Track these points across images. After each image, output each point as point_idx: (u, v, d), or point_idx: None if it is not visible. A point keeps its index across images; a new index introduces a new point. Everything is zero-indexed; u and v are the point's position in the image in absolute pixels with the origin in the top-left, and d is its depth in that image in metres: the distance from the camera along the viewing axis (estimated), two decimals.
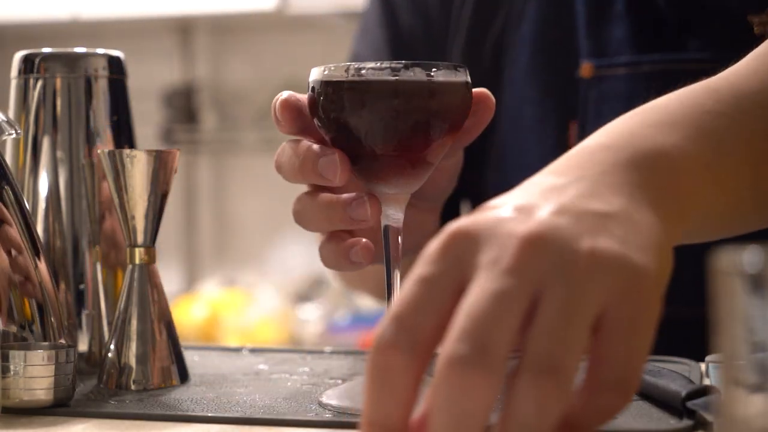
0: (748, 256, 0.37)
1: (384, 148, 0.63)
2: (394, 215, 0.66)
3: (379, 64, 0.62)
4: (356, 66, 0.62)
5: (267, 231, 2.84)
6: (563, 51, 0.96)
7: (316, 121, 0.65)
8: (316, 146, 0.66)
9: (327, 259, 0.71)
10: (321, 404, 0.63)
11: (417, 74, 0.62)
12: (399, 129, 0.63)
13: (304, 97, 0.66)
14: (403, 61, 0.62)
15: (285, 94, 0.66)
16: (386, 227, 0.67)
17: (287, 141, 0.68)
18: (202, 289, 2.80)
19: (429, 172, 0.66)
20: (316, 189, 0.69)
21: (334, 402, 0.63)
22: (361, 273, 1.05)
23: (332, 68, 0.63)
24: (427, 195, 0.77)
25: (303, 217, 0.70)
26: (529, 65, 0.97)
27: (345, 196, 0.67)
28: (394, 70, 0.62)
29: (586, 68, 0.94)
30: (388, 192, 0.66)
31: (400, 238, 0.67)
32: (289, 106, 0.66)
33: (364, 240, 0.69)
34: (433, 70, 0.63)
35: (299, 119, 0.66)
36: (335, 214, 0.67)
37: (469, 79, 0.65)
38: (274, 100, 0.67)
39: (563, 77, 0.96)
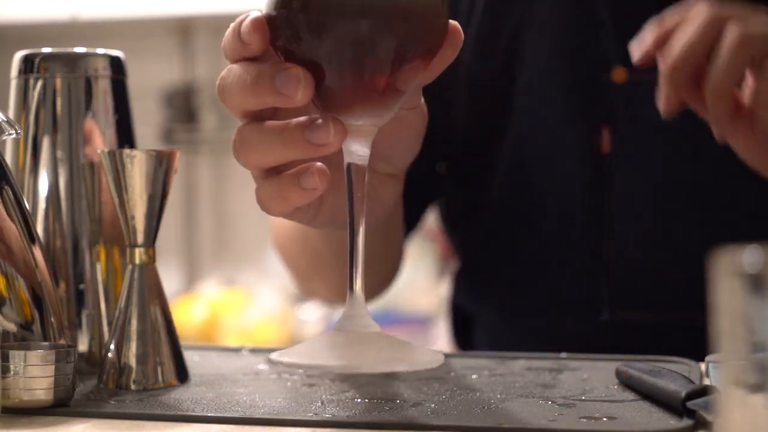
0: (749, 256, 0.37)
1: (349, 72, 0.57)
2: (359, 151, 0.60)
3: None
4: None
5: (267, 231, 2.84)
6: (587, 53, 0.94)
7: (273, 44, 0.59)
8: (271, 62, 0.58)
9: (269, 198, 0.61)
10: (271, 361, 0.62)
11: None
12: (366, 49, 0.57)
13: None
14: None
15: (253, 13, 0.59)
16: (349, 165, 0.60)
17: (235, 63, 0.60)
18: (202, 289, 2.80)
19: (399, 102, 0.60)
20: (263, 117, 0.60)
21: (285, 359, 0.61)
22: (317, 259, 0.98)
23: None
24: (388, 154, 0.70)
25: (246, 147, 0.60)
26: (548, 66, 0.95)
27: (302, 118, 0.58)
28: None
29: (618, 73, 0.92)
30: (353, 123, 0.59)
31: (365, 177, 0.60)
32: (262, 24, 0.58)
33: (317, 164, 0.60)
34: None
35: (267, 41, 0.58)
36: (289, 138, 0.58)
37: None
38: (235, 22, 0.59)
39: (589, 80, 0.94)
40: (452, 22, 0.61)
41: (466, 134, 1.00)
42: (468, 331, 1.08)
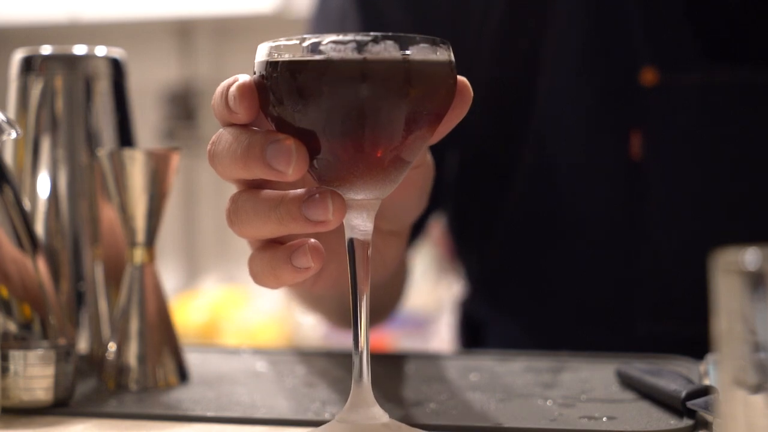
0: (749, 256, 0.37)
1: (349, 144, 0.52)
2: (360, 225, 0.55)
3: (341, 37, 0.50)
4: (313, 40, 0.50)
5: None
6: (616, 55, 0.91)
7: (263, 110, 0.54)
8: (263, 131, 0.53)
9: (259, 271, 0.56)
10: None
11: (390, 50, 0.50)
12: (367, 120, 0.51)
13: None
14: (372, 33, 0.50)
15: (242, 78, 0.54)
16: (351, 240, 0.55)
17: (224, 128, 0.55)
18: (202, 289, 2.80)
19: (404, 174, 0.55)
20: (257, 186, 0.56)
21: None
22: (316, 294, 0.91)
23: (283, 44, 0.52)
24: (393, 214, 0.66)
25: (240, 219, 0.55)
26: (575, 68, 0.92)
27: (299, 190, 0.53)
28: (360, 45, 0.50)
29: (648, 75, 0.89)
30: (354, 197, 0.54)
31: (369, 252, 0.55)
32: (250, 91, 0.53)
33: (311, 240, 0.55)
34: (410, 45, 0.51)
35: (257, 110, 0.54)
36: (285, 213, 0.53)
37: (452, 57, 0.54)
38: (223, 85, 0.54)
39: (617, 82, 0.91)
40: (461, 79, 0.55)
41: (481, 140, 0.97)
42: (478, 338, 1.06)
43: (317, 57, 0.50)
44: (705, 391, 0.59)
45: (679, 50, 0.89)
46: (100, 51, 0.77)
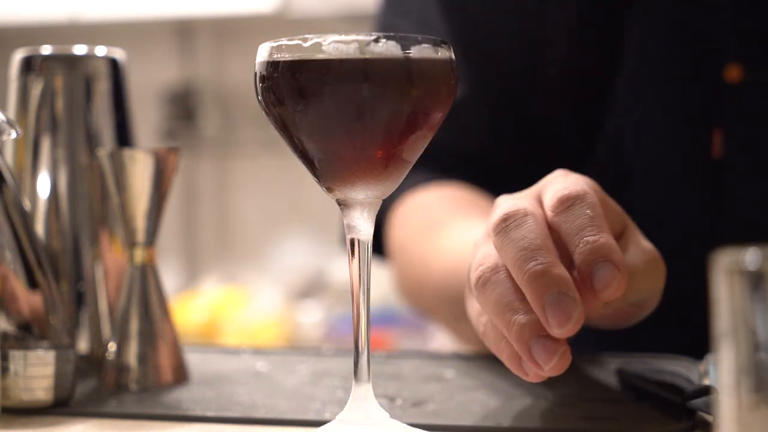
0: (749, 256, 0.37)
1: (350, 144, 0.52)
2: (361, 226, 0.55)
3: (342, 37, 0.51)
4: (315, 40, 0.51)
5: (267, 231, 2.84)
6: (702, 49, 0.87)
7: (264, 109, 0.54)
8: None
9: (494, 342, 0.57)
10: None
11: (391, 50, 0.51)
12: (369, 119, 0.51)
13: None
14: (374, 34, 0.51)
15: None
16: (352, 240, 0.55)
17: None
18: (203, 289, 2.80)
19: (405, 173, 0.55)
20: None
21: None
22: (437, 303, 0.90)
23: (284, 44, 0.52)
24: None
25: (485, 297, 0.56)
26: (659, 62, 0.89)
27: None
28: (362, 45, 0.51)
29: (733, 71, 0.86)
30: (354, 197, 0.54)
31: (369, 252, 0.55)
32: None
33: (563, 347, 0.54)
34: (412, 45, 0.51)
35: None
36: (516, 335, 0.53)
37: (453, 56, 0.54)
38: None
39: (702, 77, 0.87)
40: (653, 252, 0.59)
41: (555, 125, 0.94)
42: None
43: (319, 57, 0.51)
44: (705, 391, 0.59)
45: (765, 47, 0.86)
46: (100, 51, 0.77)
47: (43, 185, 0.76)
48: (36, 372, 0.63)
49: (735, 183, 0.87)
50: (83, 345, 0.75)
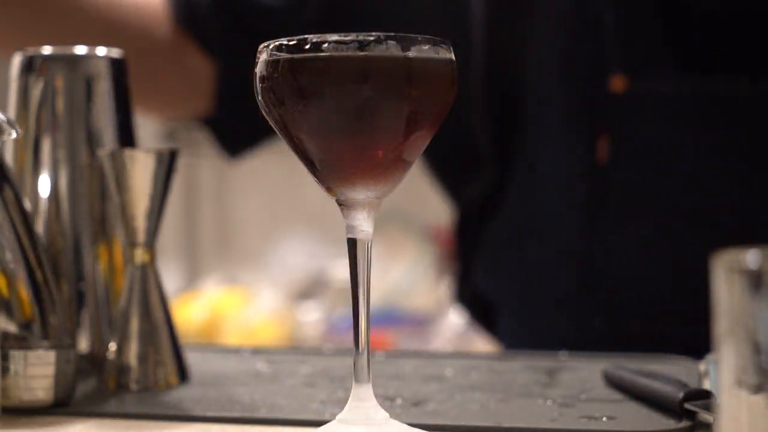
0: (749, 256, 0.37)
1: (350, 143, 0.52)
2: (361, 225, 0.55)
3: (343, 36, 0.50)
4: (315, 39, 0.51)
5: (268, 231, 2.84)
6: (590, 60, 0.92)
7: (264, 109, 0.54)
8: None
9: None
10: None
11: (391, 50, 0.51)
12: (369, 119, 0.51)
13: None
14: (374, 33, 0.51)
15: None
16: (352, 240, 0.55)
17: None
18: (203, 289, 2.80)
19: (405, 173, 0.55)
20: None
21: None
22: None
23: (284, 43, 0.52)
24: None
25: None
26: (552, 69, 0.94)
27: None
28: (362, 44, 0.50)
29: (618, 81, 0.90)
30: (355, 197, 0.54)
31: (369, 252, 0.55)
32: None
33: None
34: (412, 45, 0.51)
35: None
36: None
37: (453, 56, 0.54)
38: None
39: (589, 87, 0.92)
40: None
41: (483, 133, 1.00)
42: (491, 317, 1.08)
43: (319, 56, 0.51)
44: (701, 394, 0.59)
45: (649, 58, 0.91)
46: (101, 51, 0.77)
47: (43, 185, 0.76)
48: (36, 372, 0.63)
49: (619, 188, 0.92)
50: (83, 345, 0.75)
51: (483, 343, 1.32)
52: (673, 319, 0.91)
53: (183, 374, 0.72)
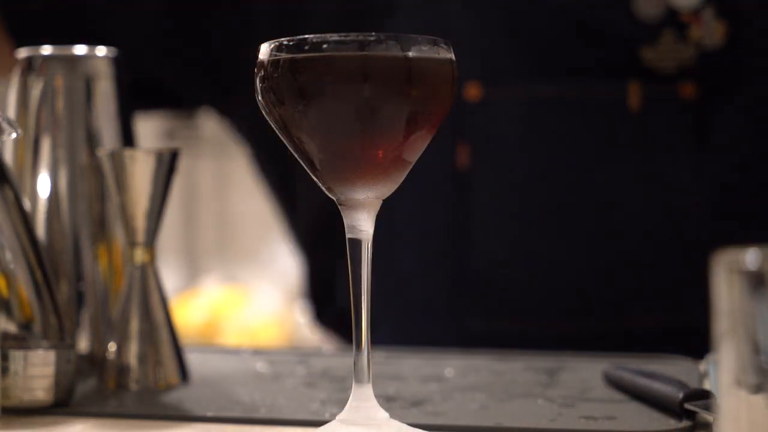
0: (749, 256, 0.37)
1: (350, 144, 0.52)
2: (361, 225, 0.55)
3: (343, 37, 0.51)
4: (315, 39, 0.51)
5: (267, 231, 2.84)
6: None
7: (264, 110, 0.54)
8: None
9: None
10: None
11: (391, 50, 0.51)
12: (369, 119, 0.52)
13: None
14: (374, 33, 0.51)
15: None
16: (352, 241, 0.55)
17: None
18: (203, 289, 2.80)
19: (405, 173, 0.55)
20: None
21: None
22: None
23: (284, 43, 0.52)
24: None
25: None
26: None
27: None
28: (362, 44, 0.51)
29: (472, 90, 0.92)
30: (355, 197, 0.54)
31: (369, 252, 0.55)
32: None
33: None
34: (412, 45, 0.52)
35: None
36: None
37: (453, 56, 0.55)
38: None
39: None
40: None
41: None
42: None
43: (319, 56, 0.51)
44: (701, 394, 0.59)
45: (500, 65, 0.93)
46: (100, 51, 0.77)
47: (43, 185, 0.76)
48: (36, 372, 0.63)
49: (478, 193, 0.95)
50: (83, 345, 0.75)
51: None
52: (548, 315, 0.93)
53: (183, 374, 0.72)
